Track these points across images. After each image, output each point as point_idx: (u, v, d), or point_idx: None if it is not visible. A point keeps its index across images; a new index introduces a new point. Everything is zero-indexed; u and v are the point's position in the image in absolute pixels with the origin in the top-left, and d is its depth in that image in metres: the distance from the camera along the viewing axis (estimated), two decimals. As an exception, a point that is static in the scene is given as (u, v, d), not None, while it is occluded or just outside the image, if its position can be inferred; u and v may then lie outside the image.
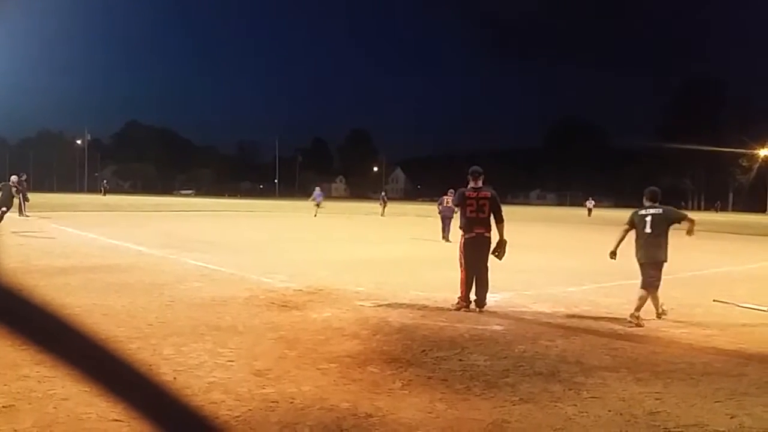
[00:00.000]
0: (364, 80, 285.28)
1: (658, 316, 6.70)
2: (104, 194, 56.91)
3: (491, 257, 7.09)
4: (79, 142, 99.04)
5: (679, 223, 6.76)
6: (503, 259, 7.18)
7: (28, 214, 20.94)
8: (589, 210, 41.95)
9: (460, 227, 7.22)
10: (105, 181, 69.80)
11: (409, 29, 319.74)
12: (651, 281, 6.57)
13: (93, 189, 76.46)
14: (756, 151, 71.59)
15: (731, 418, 3.75)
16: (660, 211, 6.70)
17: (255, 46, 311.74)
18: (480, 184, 7.18)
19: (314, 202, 30.37)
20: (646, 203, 6.84)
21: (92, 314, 6.05)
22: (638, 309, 6.44)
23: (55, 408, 3.52)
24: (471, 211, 7.03)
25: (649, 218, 6.64)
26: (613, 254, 6.89)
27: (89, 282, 8.13)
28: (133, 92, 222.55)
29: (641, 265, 6.68)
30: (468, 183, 7.22)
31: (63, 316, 0.49)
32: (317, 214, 29.04)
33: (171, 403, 0.52)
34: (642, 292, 6.56)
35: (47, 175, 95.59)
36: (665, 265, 6.63)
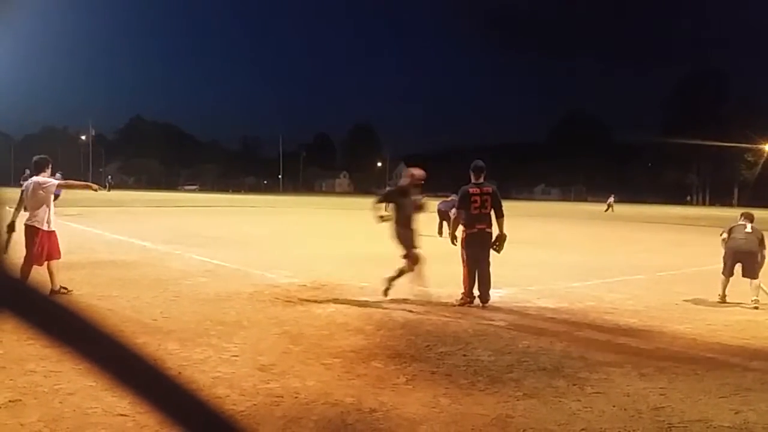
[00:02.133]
0: (367, 75, 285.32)
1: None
2: (109, 190, 57.04)
3: (491, 251, 7.10)
4: (83, 137, 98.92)
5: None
6: (501, 252, 7.19)
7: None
8: (610, 205, 41.61)
9: (462, 223, 7.21)
10: (110, 177, 69.97)
11: (412, 24, 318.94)
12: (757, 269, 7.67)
13: (97, 185, 76.74)
14: (761, 146, 71.11)
15: (736, 413, 3.74)
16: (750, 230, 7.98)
17: (259, 42, 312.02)
18: (482, 179, 7.18)
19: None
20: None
21: (97, 309, 6.08)
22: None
23: (60, 403, 3.55)
24: (475, 208, 7.03)
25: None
26: None
27: (94, 277, 8.17)
28: (138, 88, 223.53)
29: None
30: (470, 179, 7.22)
31: (68, 312, 0.49)
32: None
33: (176, 398, 0.52)
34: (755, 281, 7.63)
35: (51, 171, 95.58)
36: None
